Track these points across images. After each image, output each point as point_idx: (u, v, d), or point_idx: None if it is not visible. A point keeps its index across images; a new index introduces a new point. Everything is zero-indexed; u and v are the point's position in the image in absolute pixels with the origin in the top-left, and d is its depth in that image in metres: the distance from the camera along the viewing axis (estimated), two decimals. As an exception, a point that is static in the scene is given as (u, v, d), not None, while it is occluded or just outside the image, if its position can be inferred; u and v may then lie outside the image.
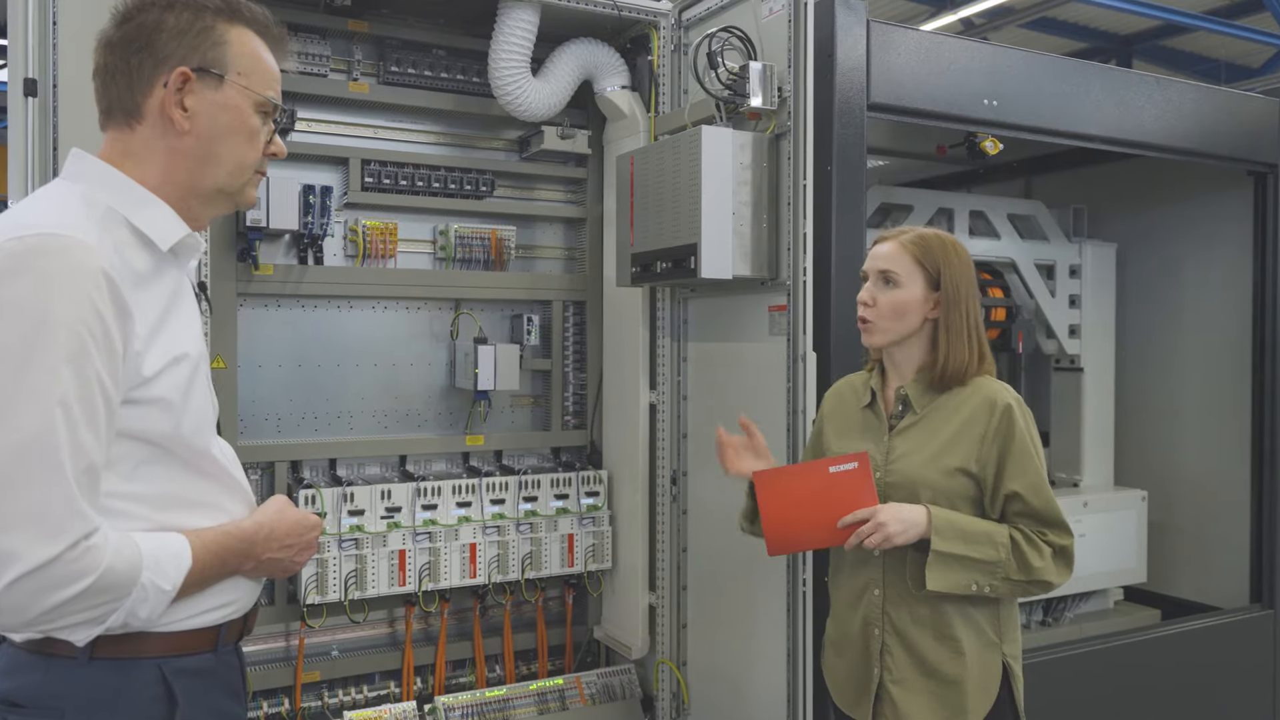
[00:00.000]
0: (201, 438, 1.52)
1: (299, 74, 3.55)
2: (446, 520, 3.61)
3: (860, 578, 2.33)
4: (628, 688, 3.85)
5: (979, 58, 3.44)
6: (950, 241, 2.34)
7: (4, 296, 1.27)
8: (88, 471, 1.30)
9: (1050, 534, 2.20)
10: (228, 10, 1.51)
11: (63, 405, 1.27)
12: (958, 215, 4.12)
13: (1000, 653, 2.26)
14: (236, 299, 3.47)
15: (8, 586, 1.23)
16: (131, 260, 1.41)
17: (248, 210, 1.73)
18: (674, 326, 3.71)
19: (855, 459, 2.17)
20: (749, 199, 3.15)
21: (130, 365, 1.37)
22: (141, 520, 1.42)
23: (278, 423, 3.63)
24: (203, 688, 1.51)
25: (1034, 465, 2.21)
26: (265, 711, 3.50)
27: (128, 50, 1.46)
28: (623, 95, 3.78)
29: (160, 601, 1.38)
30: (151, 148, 1.48)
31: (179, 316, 1.50)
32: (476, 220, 3.91)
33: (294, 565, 1.67)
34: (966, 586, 2.15)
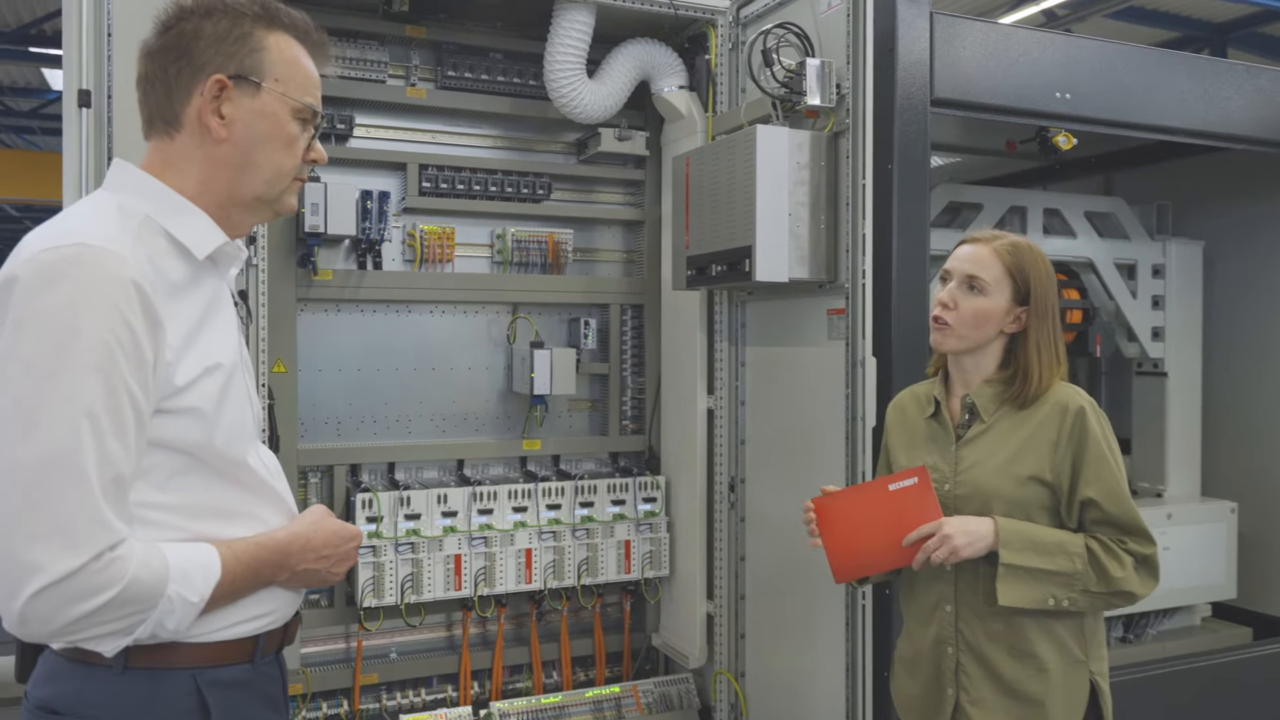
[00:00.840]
0: (236, 447, 1.49)
1: (357, 80, 3.58)
2: (502, 525, 3.60)
3: (932, 594, 2.22)
4: (685, 697, 3.78)
5: (1051, 49, 3.29)
6: (1040, 253, 2.22)
7: (35, 307, 1.27)
8: (115, 481, 1.29)
9: (1131, 542, 2.08)
10: (266, 16, 1.50)
11: (90, 416, 1.26)
12: (1031, 214, 3.95)
13: (1087, 670, 2.13)
14: (296, 304, 3.52)
15: (32, 597, 1.22)
16: (166, 269, 1.41)
17: (288, 215, 1.71)
18: (732, 330, 3.64)
19: (914, 474, 2.07)
20: (806, 199, 3.06)
21: (162, 375, 1.35)
22: (175, 530, 1.40)
23: (337, 426, 3.66)
24: (239, 699, 1.49)
25: (1110, 470, 2.09)
26: (324, 712, 3.53)
27: (166, 59, 1.46)
28: (680, 95, 3.72)
29: (187, 613, 1.37)
30: (190, 156, 1.47)
31: (215, 326, 1.48)
32: (534, 224, 3.90)
33: (331, 576, 1.63)
34: (1043, 600, 2.04)
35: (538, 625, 3.83)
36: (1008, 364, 2.18)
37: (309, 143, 1.55)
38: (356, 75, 3.58)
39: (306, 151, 1.55)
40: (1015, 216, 3.97)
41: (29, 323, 1.26)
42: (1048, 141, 3.33)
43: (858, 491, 2.20)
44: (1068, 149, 3.33)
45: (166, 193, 1.46)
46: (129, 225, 1.39)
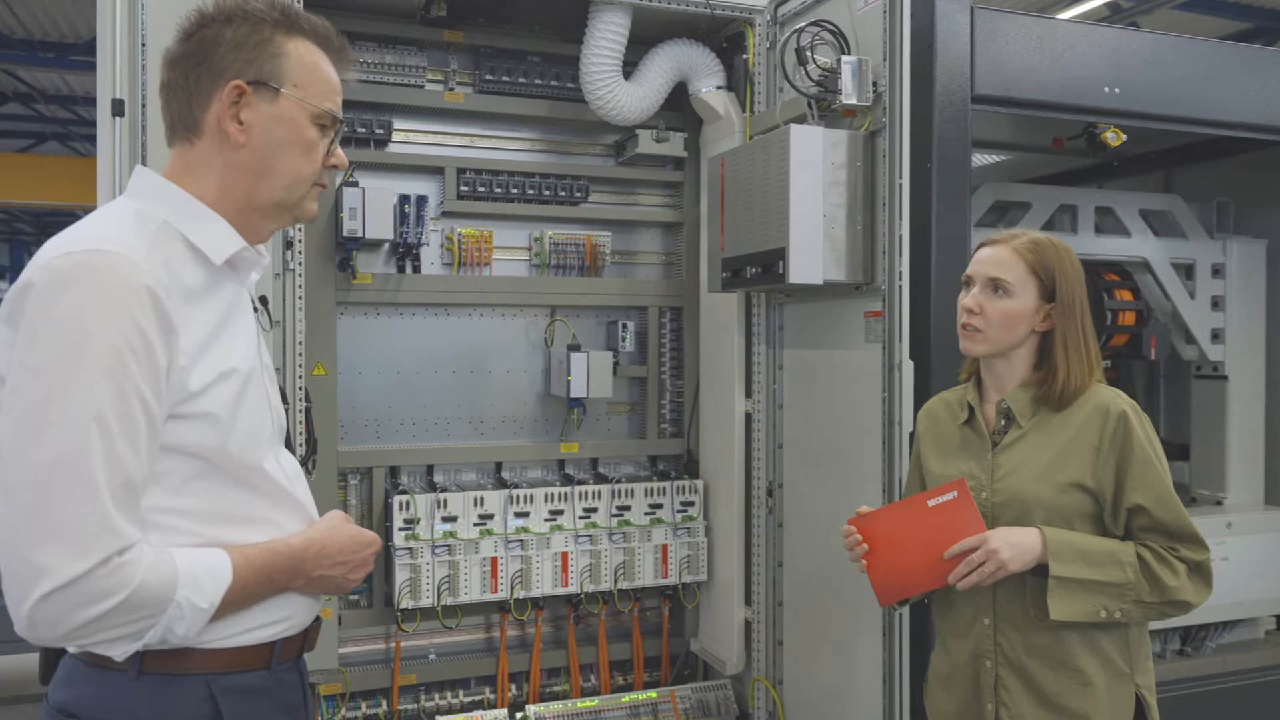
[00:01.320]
0: (252, 452, 1.48)
1: (395, 85, 3.61)
2: (538, 528, 3.60)
3: (969, 607, 2.15)
4: (723, 704, 3.74)
5: (1099, 43, 3.18)
6: (1064, 248, 2.15)
7: (48, 312, 1.28)
8: (126, 486, 1.29)
9: (1183, 549, 1.99)
10: (286, 22, 1.49)
11: (99, 421, 1.26)
12: (1081, 212, 3.84)
13: (1133, 684, 2.06)
14: (336, 308, 3.56)
15: (39, 601, 1.23)
16: (183, 275, 1.40)
17: (308, 221, 1.71)
18: (770, 333, 3.59)
19: (953, 487, 1.99)
20: (842, 200, 3.01)
21: (175, 380, 1.35)
22: (189, 535, 1.40)
23: (377, 429, 3.70)
24: (254, 707, 1.47)
25: (1158, 474, 2.01)
26: (363, 712, 3.57)
27: (187, 66, 1.46)
28: (718, 96, 3.68)
29: (197, 619, 1.36)
30: (210, 162, 1.47)
31: (233, 331, 1.48)
32: (572, 226, 3.89)
33: (348, 583, 1.60)
34: (1095, 613, 1.96)
35: (575, 629, 3.82)
36: (1041, 365, 2.12)
37: (329, 148, 1.55)
38: (395, 80, 3.61)
39: (327, 157, 1.54)
40: (1065, 215, 3.86)
41: (42, 328, 1.27)
42: (1096, 138, 3.22)
43: (896, 510, 2.12)
44: (1116, 145, 3.22)
45: (185, 198, 1.46)
46: (146, 231, 1.40)
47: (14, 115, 13.40)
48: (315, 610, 1.60)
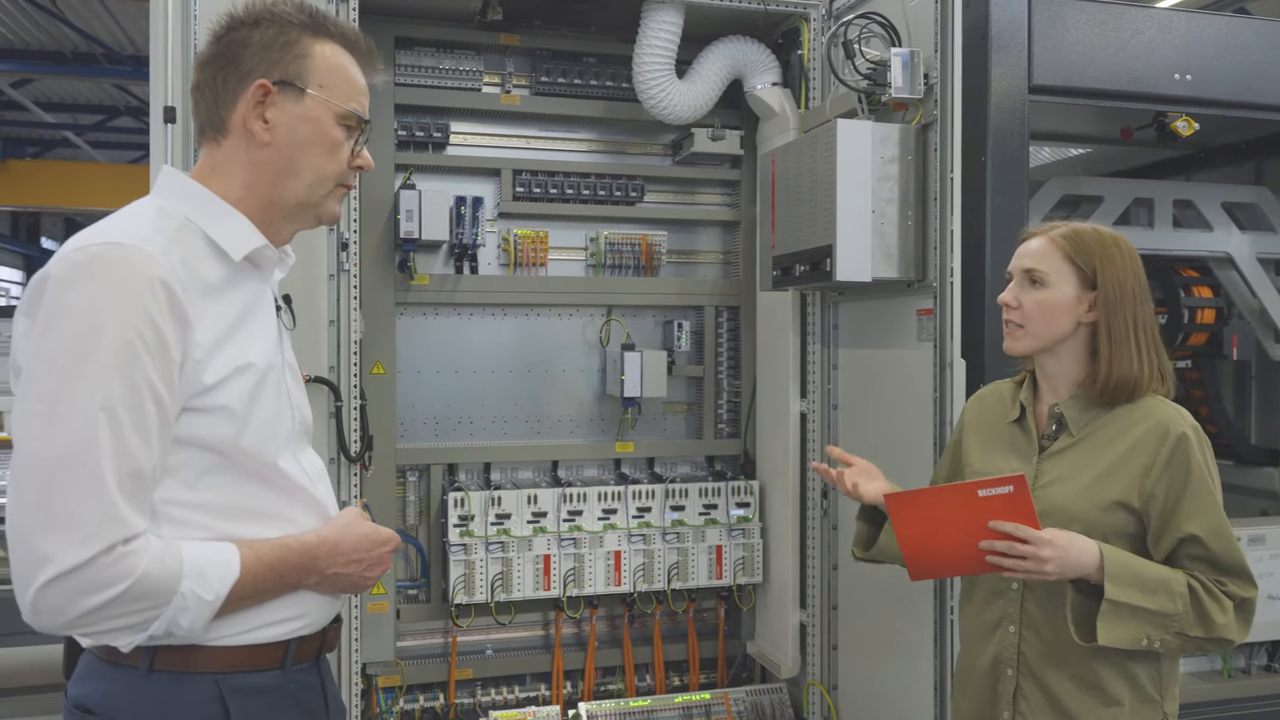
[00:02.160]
0: (267, 448, 1.47)
1: (453, 89, 3.67)
2: (591, 527, 3.61)
3: (994, 610, 2.08)
4: (778, 708, 3.70)
5: (1169, 28, 3.05)
6: (1111, 237, 2.05)
7: (62, 304, 1.29)
8: (134, 476, 1.29)
9: (1231, 584, 1.88)
10: (313, 25, 1.51)
11: (108, 411, 1.27)
12: (1159, 205, 3.67)
13: (1161, 711, 1.96)
14: (395, 308, 3.63)
15: (42, 588, 1.24)
16: (201, 271, 1.41)
17: (331, 224, 1.72)
18: (824, 332, 3.53)
19: (1010, 482, 1.85)
20: (893, 195, 2.94)
21: (190, 373, 1.35)
22: (202, 529, 1.40)
23: (435, 427, 3.76)
24: (266, 706, 1.46)
25: (1215, 505, 1.89)
26: (421, 704, 3.63)
27: (216, 66, 1.49)
28: (773, 93, 3.64)
29: (202, 611, 1.35)
30: (235, 161, 1.50)
31: (251, 327, 1.49)
32: (628, 226, 3.90)
33: (364, 580, 1.59)
34: (1137, 641, 1.85)
35: (631, 628, 3.82)
36: (1094, 362, 2.01)
37: (355, 149, 1.56)
38: (452, 85, 3.67)
39: (352, 158, 1.56)
40: (1141, 209, 3.71)
41: (56, 319, 1.29)
42: (1166, 127, 3.08)
43: (942, 493, 2.01)
44: (1188, 134, 3.07)
45: (208, 196, 1.48)
46: (166, 227, 1.41)
47: (126, 128, 14.14)
48: (333, 610, 1.59)
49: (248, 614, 1.43)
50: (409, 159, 3.65)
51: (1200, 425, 1.98)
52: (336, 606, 1.61)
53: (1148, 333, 2.00)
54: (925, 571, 2.03)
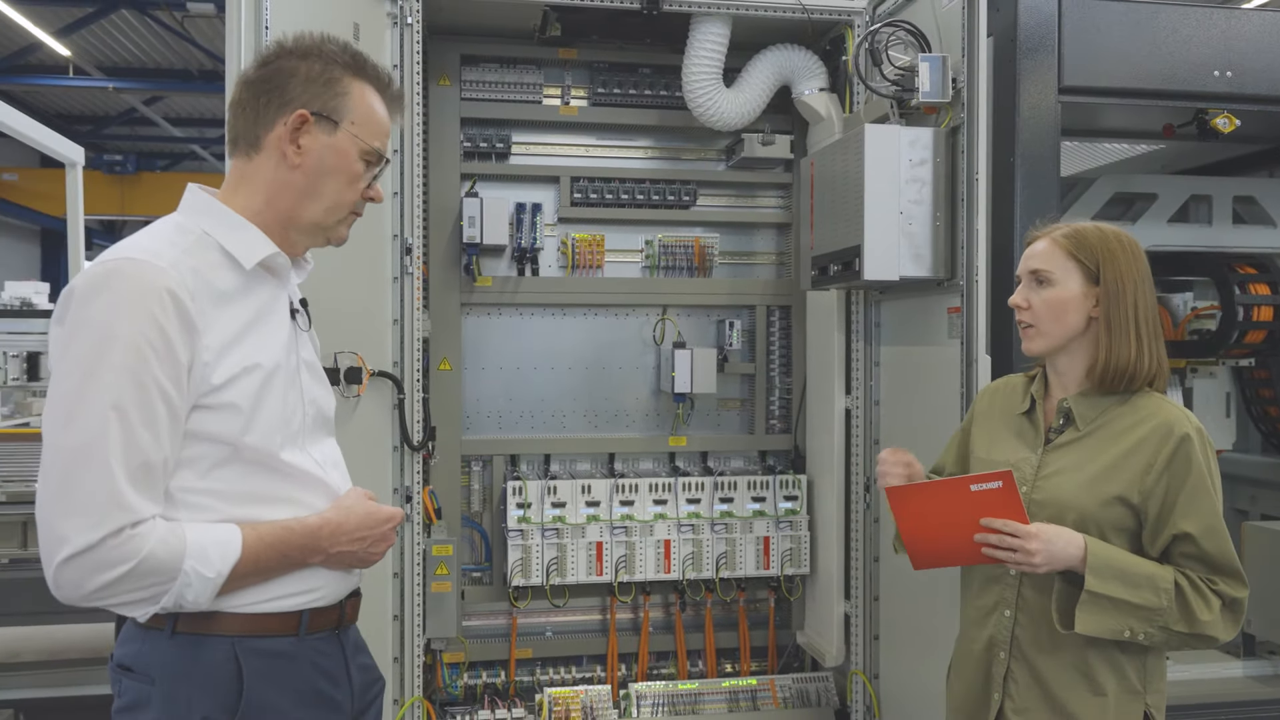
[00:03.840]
0: (271, 442, 1.58)
1: (514, 102, 3.91)
2: (642, 516, 3.79)
3: (990, 595, 2.15)
4: (824, 695, 3.80)
5: (1207, 25, 3.04)
6: (1113, 234, 2.11)
7: (83, 314, 1.43)
8: (143, 467, 1.42)
9: (1221, 583, 1.93)
10: (354, 66, 1.65)
11: (118, 409, 1.40)
12: (1217, 202, 3.65)
13: (1144, 702, 2.02)
14: (460, 308, 3.88)
15: (60, 565, 1.39)
16: (214, 280, 1.54)
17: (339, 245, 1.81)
18: (867, 330, 3.63)
19: (999, 477, 1.93)
20: (921, 196, 3.03)
21: (199, 374, 1.48)
22: (215, 513, 1.52)
23: (499, 420, 4.00)
24: (278, 668, 1.58)
25: (1211, 504, 1.95)
26: (484, 680, 3.87)
27: (260, 89, 1.62)
28: (820, 98, 3.76)
29: (205, 587, 1.47)
30: (263, 176, 1.62)
31: (262, 330, 1.60)
32: (683, 229, 4.06)
33: (370, 556, 1.70)
34: (1119, 632, 1.93)
35: (683, 615, 3.98)
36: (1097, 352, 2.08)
37: (370, 182, 1.72)
38: (514, 98, 3.91)
39: (366, 189, 1.71)
40: (1201, 205, 3.68)
41: (78, 327, 1.43)
42: (1206, 124, 3.07)
43: (937, 487, 2.11)
44: (1229, 131, 3.06)
45: (224, 210, 1.61)
46: (181, 241, 1.54)
47: (228, 140, 14.93)
48: (348, 585, 1.71)
49: (261, 586, 1.56)
50: (474, 168, 3.90)
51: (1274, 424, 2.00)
52: (352, 582, 1.72)
53: (1149, 324, 2.05)
54: (927, 561, 2.12)
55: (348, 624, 1.73)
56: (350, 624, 1.75)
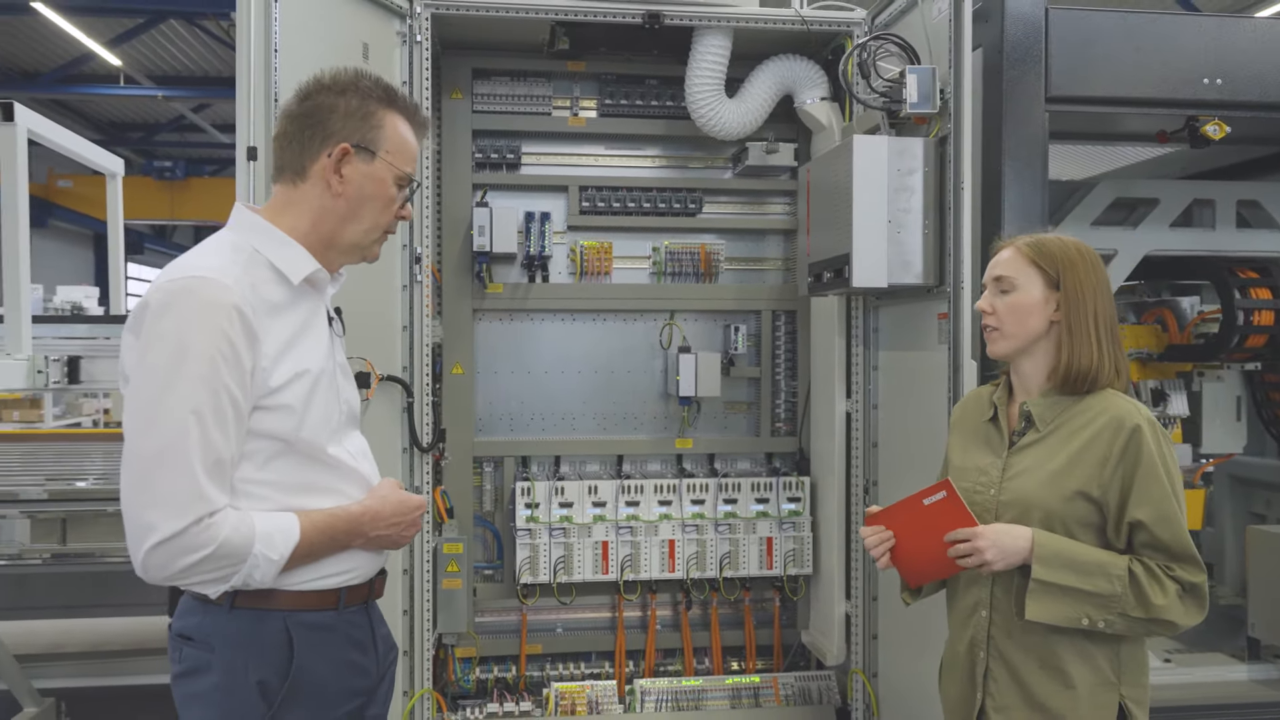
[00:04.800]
0: (321, 437, 1.78)
1: (524, 114, 4.03)
2: (648, 516, 3.89)
3: (970, 597, 2.24)
4: (825, 693, 3.87)
5: (1197, 34, 3.08)
6: (1075, 245, 2.19)
7: (158, 328, 1.62)
8: (217, 463, 1.62)
9: (1179, 569, 1.99)
10: (387, 99, 1.83)
11: (196, 414, 1.60)
12: (1220, 206, 3.66)
13: (1118, 694, 2.08)
14: (473, 314, 4.01)
15: (149, 551, 1.59)
16: (267, 293, 1.73)
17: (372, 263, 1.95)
18: (866, 335, 3.69)
19: (941, 487, 2.07)
20: (912, 205, 3.09)
21: (259, 379, 1.68)
22: (271, 502, 1.72)
23: (510, 422, 4.12)
24: (322, 638, 1.78)
25: (1163, 492, 2.01)
26: (495, 675, 4.00)
27: (303, 123, 1.79)
28: (821, 107, 3.83)
29: (270, 568, 1.68)
30: (308, 202, 1.80)
31: (308, 338, 1.79)
32: (689, 236, 4.15)
33: (402, 539, 1.92)
34: (1075, 620, 2.01)
35: (690, 614, 4.08)
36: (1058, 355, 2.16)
37: (402, 204, 1.90)
38: (524, 110, 4.04)
39: (399, 210, 1.90)
40: (1205, 210, 3.70)
41: (153, 340, 1.62)
42: (1197, 131, 3.10)
43: (899, 507, 2.22)
44: (1219, 138, 3.09)
45: (272, 230, 1.79)
46: (238, 258, 1.73)
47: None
48: (377, 564, 1.92)
49: (309, 568, 1.77)
50: (485, 179, 4.03)
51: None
52: (380, 562, 1.94)
53: (1109, 330, 2.13)
54: (917, 578, 2.22)
55: (377, 597, 1.95)
56: (379, 597, 1.96)
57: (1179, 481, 2.03)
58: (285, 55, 2.91)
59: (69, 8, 12.27)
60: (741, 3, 3.69)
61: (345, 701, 1.83)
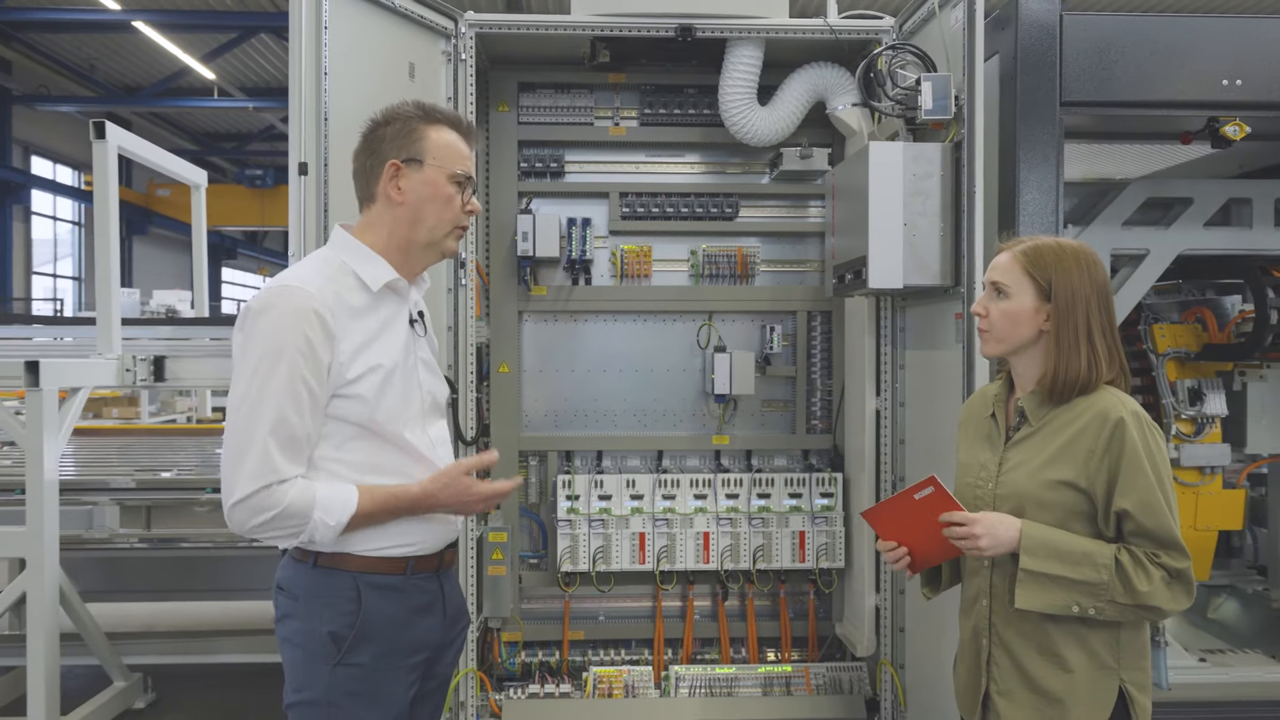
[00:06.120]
0: (394, 423, 2.03)
1: (567, 125, 4.23)
2: (683, 509, 4.05)
3: (972, 586, 2.34)
4: (856, 683, 3.97)
5: (1215, 36, 3.11)
6: (1070, 250, 2.26)
7: (256, 328, 1.93)
8: (290, 440, 1.91)
9: (1164, 556, 2.08)
10: (425, 115, 2.11)
11: (276, 400, 1.89)
12: (1258, 205, 3.65)
13: (1117, 678, 2.16)
14: (519, 316, 4.23)
15: (231, 507, 1.90)
16: (349, 299, 2.01)
17: (451, 257, 2.33)
18: (894, 334, 3.79)
19: (929, 484, 2.18)
20: (927, 209, 3.19)
21: (336, 372, 1.96)
22: (345, 479, 1.99)
23: (555, 418, 4.33)
24: (388, 598, 2.04)
25: (1147, 482, 2.09)
26: (539, 658, 4.21)
27: (364, 156, 2.11)
28: (852, 113, 3.93)
29: (328, 532, 1.95)
30: (381, 218, 2.10)
31: (385, 337, 2.05)
32: (724, 239, 4.29)
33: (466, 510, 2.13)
34: (1066, 607, 2.10)
35: (726, 605, 4.22)
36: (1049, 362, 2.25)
37: (465, 200, 2.15)
38: (568, 120, 4.24)
39: (464, 205, 2.14)
40: (1244, 208, 3.69)
41: (249, 338, 1.94)
42: (1217, 132, 3.13)
43: (893, 502, 2.33)
44: (1240, 139, 3.11)
45: (358, 245, 2.09)
46: (326, 270, 2.03)
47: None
48: (445, 538, 2.14)
49: (377, 534, 2.02)
50: (530, 187, 4.24)
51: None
52: (448, 536, 2.16)
53: (1104, 336, 2.20)
54: (920, 562, 2.34)
55: (447, 567, 2.19)
56: (449, 567, 2.20)
57: (1165, 471, 2.10)
58: (334, 78, 3.16)
59: (166, 25, 12.97)
60: (772, 14, 3.82)
61: (409, 655, 2.07)
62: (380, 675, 2.04)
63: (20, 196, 16.07)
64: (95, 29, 13.53)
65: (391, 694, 2.06)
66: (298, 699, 2.04)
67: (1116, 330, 2.22)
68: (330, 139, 3.14)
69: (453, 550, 2.20)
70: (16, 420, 3.85)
